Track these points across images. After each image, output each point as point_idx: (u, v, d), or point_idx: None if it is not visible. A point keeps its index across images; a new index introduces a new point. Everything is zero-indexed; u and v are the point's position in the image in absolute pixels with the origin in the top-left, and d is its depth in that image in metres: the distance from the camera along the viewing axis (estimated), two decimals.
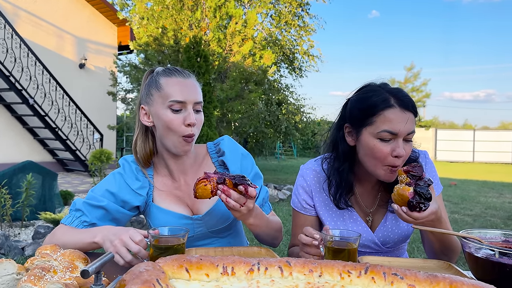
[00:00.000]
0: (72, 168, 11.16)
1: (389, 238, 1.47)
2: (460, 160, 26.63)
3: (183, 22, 8.95)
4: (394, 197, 1.17)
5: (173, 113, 1.36)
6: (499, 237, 1.15)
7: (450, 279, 0.79)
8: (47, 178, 5.50)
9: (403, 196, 1.13)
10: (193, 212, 1.49)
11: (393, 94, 1.32)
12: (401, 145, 1.28)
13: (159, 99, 1.39)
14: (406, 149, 1.30)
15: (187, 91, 1.38)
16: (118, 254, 1.11)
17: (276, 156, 22.32)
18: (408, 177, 1.15)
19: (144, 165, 1.49)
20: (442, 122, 41.10)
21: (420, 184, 1.13)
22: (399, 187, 1.15)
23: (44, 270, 0.93)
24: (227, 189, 1.17)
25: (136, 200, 1.44)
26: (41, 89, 10.29)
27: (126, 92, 10.08)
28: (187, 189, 1.49)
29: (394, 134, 1.28)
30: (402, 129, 1.28)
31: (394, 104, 1.29)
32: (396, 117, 1.28)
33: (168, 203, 1.47)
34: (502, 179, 14.79)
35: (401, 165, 1.29)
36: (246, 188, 1.17)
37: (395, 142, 1.29)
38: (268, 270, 0.85)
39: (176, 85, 1.38)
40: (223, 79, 9.17)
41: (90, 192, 1.43)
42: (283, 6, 14.70)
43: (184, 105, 1.37)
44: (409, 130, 1.28)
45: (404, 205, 1.14)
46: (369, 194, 1.50)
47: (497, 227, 6.21)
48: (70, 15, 11.68)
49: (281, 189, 9.37)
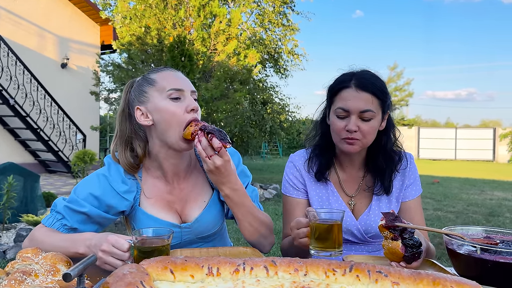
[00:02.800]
0: (55, 169, 10.98)
1: (371, 227, 1.53)
2: (443, 158, 27.05)
3: (166, 21, 8.88)
4: (388, 256, 1.16)
5: (173, 102, 1.34)
6: (481, 234, 1.17)
7: (433, 276, 0.80)
8: (28, 179, 5.40)
9: (396, 252, 1.13)
10: (182, 218, 1.45)
11: (355, 76, 1.45)
12: (352, 121, 1.41)
13: (155, 93, 1.36)
14: (361, 126, 1.41)
15: (181, 80, 1.39)
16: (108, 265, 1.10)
17: (262, 156, 22.34)
18: (390, 232, 1.15)
19: (129, 172, 1.42)
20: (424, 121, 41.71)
21: (406, 237, 1.14)
22: (388, 245, 1.15)
23: (25, 274, 0.91)
24: (201, 134, 1.27)
25: (121, 205, 1.38)
26: (22, 89, 10.10)
27: (109, 92, 9.95)
28: (179, 194, 1.45)
29: (346, 111, 1.42)
30: (353, 107, 1.40)
31: (351, 84, 1.43)
32: (349, 96, 1.42)
33: (156, 209, 1.42)
34: (483, 176, 15.08)
35: (361, 139, 1.42)
36: (212, 138, 1.25)
37: (349, 118, 1.42)
38: (254, 270, 0.84)
39: (169, 76, 1.39)
40: (208, 78, 9.13)
41: (73, 194, 1.37)
42: (267, 5, 14.71)
43: (182, 93, 1.36)
44: (361, 108, 1.40)
45: (400, 260, 1.14)
46: (352, 179, 1.59)
47: (479, 224, 6.32)
48: (52, 14, 11.49)
49: (267, 188, 9.38)
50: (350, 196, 1.58)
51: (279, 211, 6.91)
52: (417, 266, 1.15)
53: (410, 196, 1.57)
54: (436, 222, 6.36)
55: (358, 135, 1.42)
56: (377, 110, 1.42)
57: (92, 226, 1.38)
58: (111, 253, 1.10)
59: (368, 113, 1.40)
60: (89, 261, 0.88)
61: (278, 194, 8.93)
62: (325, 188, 1.59)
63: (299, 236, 1.24)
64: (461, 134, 27.47)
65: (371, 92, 1.41)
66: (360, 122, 1.41)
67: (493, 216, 7.03)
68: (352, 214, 1.55)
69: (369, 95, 1.41)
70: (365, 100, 1.40)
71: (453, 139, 27.46)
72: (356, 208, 1.57)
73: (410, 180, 1.57)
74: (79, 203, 1.34)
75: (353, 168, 1.59)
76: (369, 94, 1.41)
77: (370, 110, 1.40)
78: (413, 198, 1.57)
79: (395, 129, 1.58)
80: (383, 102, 1.44)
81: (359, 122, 1.41)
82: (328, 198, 1.57)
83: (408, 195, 1.57)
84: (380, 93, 1.42)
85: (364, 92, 1.41)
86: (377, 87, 1.42)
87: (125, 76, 8.63)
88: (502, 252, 0.98)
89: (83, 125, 11.27)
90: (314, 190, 1.59)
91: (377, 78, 1.47)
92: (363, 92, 1.41)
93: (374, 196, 1.55)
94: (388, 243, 1.15)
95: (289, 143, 26.53)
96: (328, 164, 1.58)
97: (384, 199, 1.55)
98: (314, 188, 1.60)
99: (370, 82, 1.42)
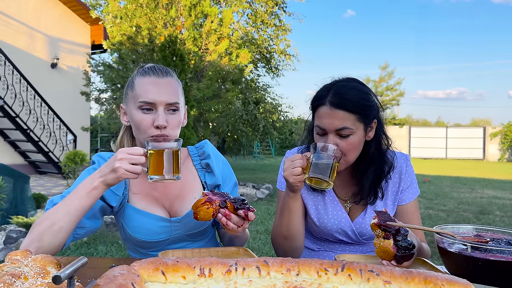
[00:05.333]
0: (45, 171, 10.88)
1: (366, 230, 1.53)
2: (434, 157, 27.26)
3: (157, 20, 8.84)
4: (379, 254, 1.17)
5: (143, 113, 1.35)
6: (471, 232, 1.18)
7: (424, 275, 0.80)
8: (18, 181, 5.34)
9: (387, 251, 1.14)
10: (171, 214, 1.47)
11: (332, 91, 1.40)
12: (330, 140, 1.38)
13: (132, 98, 1.38)
14: (340, 144, 1.37)
15: (158, 91, 1.35)
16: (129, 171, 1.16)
17: (254, 155, 22.34)
18: (382, 230, 1.15)
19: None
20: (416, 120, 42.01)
21: (399, 240, 1.14)
22: (379, 243, 1.15)
23: (14, 276, 0.90)
24: (228, 213, 1.22)
25: (111, 199, 1.40)
26: (11, 89, 9.99)
27: (99, 92, 9.89)
28: (165, 190, 1.48)
29: (323, 129, 1.39)
30: (328, 126, 1.37)
31: (326, 101, 1.38)
32: (324, 114, 1.38)
33: (145, 204, 1.44)
34: (474, 174, 15.23)
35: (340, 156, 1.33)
36: (246, 213, 1.22)
37: (328, 136, 1.39)
38: (246, 270, 0.84)
39: (147, 85, 1.36)
40: (200, 78, 9.10)
41: (66, 192, 1.37)
42: (259, 5, 14.70)
43: (154, 106, 1.35)
44: (337, 127, 1.36)
45: (391, 258, 1.14)
46: (345, 185, 1.58)
47: (470, 222, 6.38)
48: (41, 14, 11.38)
49: (260, 188, 9.38)
50: (346, 200, 1.58)
51: (271, 211, 6.92)
52: (408, 266, 1.15)
53: (407, 199, 1.54)
54: (427, 221, 6.41)
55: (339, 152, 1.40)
56: (354, 125, 1.37)
57: (87, 221, 1.36)
58: (128, 158, 1.14)
59: (344, 131, 1.36)
60: (80, 264, 0.87)
61: (271, 193, 8.94)
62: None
63: (292, 166, 1.30)
64: (451, 133, 27.71)
65: (346, 109, 1.36)
66: (338, 140, 1.38)
67: (483, 214, 7.09)
68: (348, 215, 1.54)
69: (344, 112, 1.36)
70: (340, 118, 1.36)
71: (444, 138, 27.69)
72: (352, 210, 1.56)
73: (407, 183, 1.54)
74: None
75: (346, 175, 1.56)
76: (344, 112, 1.36)
77: (346, 128, 1.36)
78: (410, 201, 1.54)
79: (384, 136, 1.53)
80: (363, 116, 1.39)
81: (337, 139, 1.38)
82: (324, 198, 1.57)
83: (405, 198, 1.54)
84: (356, 108, 1.36)
85: (338, 110, 1.36)
86: (353, 103, 1.36)
87: (116, 76, 8.58)
88: (493, 250, 0.99)
89: (74, 126, 11.19)
90: (309, 189, 1.59)
91: (356, 91, 1.40)
92: (337, 110, 1.36)
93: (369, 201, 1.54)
94: (380, 242, 1.15)
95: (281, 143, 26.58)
96: None
97: (380, 202, 1.54)
98: (309, 193, 1.59)
99: (344, 99, 1.36)
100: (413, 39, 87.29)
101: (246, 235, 1.54)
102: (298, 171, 1.29)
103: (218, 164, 1.53)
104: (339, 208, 1.54)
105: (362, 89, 1.43)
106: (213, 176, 1.52)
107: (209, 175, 1.53)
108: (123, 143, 1.50)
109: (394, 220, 1.17)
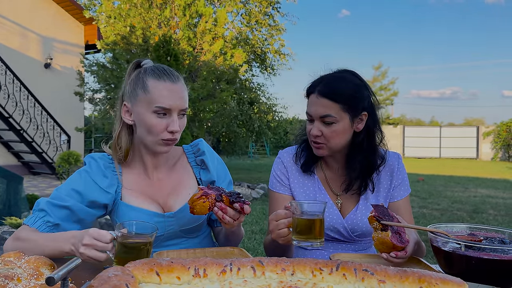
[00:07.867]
0: (39, 171, 10.82)
1: (357, 226, 1.54)
2: (427, 156, 27.39)
3: (151, 20, 8.82)
4: (378, 247, 1.17)
5: (158, 117, 1.34)
6: (465, 231, 1.19)
7: (419, 274, 0.81)
8: (12, 182, 5.30)
9: (386, 242, 1.14)
10: (165, 210, 1.47)
11: (323, 80, 1.49)
12: (315, 126, 1.47)
13: (144, 101, 1.35)
14: (324, 131, 1.46)
15: (175, 98, 1.36)
16: (92, 259, 1.10)
17: (249, 155, 22.34)
18: (380, 223, 1.16)
19: (124, 160, 1.46)
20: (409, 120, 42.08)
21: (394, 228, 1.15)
22: (377, 236, 1.16)
23: (7, 278, 0.90)
24: (224, 206, 1.23)
25: (104, 198, 1.40)
26: (5, 90, 9.92)
27: (93, 92, 9.84)
28: (159, 186, 1.48)
29: (310, 115, 1.49)
30: (313, 113, 1.47)
31: (315, 90, 1.47)
32: (312, 102, 1.48)
33: (138, 200, 1.44)
34: (467, 173, 15.32)
35: (326, 143, 1.47)
36: (242, 206, 1.24)
37: (315, 122, 1.47)
38: (241, 270, 0.84)
39: (164, 90, 1.35)
40: (194, 78, 9.09)
41: (55, 191, 1.38)
42: (253, 5, 14.71)
43: (168, 111, 1.35)
44: (320, 114, 1.45)
45: (390, 250, 1.15)
46: (336, 178, 1.61)
47: (463, 221, 6.43)
48: (35, 13, 11.30)
49: (255, 188, 9.38)
50: (337, 194, 1.59)
51: (266, 211, 6.92)
52: (407, 255, 1.16)
53: (399, 196, 1.58)
54: (421, 220, 6.44)
55: (322, 139, 1.47)
56: (338, 114, 1.43)
57: (75, 225, 1.36)
58: (93, 245, 1.09)
59: (328, 118, 1.44)
60: (73, 265, 0.86)
61: (266, 193, 8.94)
62: (312, 185, 1.60)
63: (277, 228, 1.24)
64: (445, 133, 27.84)
65: (331, 98, 1.43)
66: (322, 127, 1.46)
67: (477, 213, 7.14)
68: (339, 212, 1.56)
69: (329, 101, 1.43)
70: (324, 106, 1.44)
71: (437, 138, 27.81)
72: (343, 207, 1.58)
73: (398, 181, 1.59)
74: (62, 198, 1.35)
75: (338, 167, 1.60)
76: (328, 100, 1.43)
77: (329, 115, 1.43)
78: (401, 198, 1.58)
79: (377, 129, 1.55)
80: (349, 106, 1.44)
81: (322, 126, 1.46)
82: (315, 196, 1.58)
83: (397, 195, 1.58)
84: (341, 98, 1.43)
85: (323, 98, 1.44)
86: (339, 93, 1.43)
87: (110, 76, 8.54)
88: (486, 249, 1.00)
89: (68, 126, 11.12)
90: (302, 187, 1.60)
91: (346, 82, 1.47)
92: (322, 98, 1.44)
93: (361, 196, 1.56)
94: (378, 234, 1.16)
95: (276, 143, 26.58)
96: (315, 158, 1.60)
97: (372, 198, 1.56)
98: (301, 185, 1.60)
99: (331, 88, 1.44)
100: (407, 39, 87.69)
101: (242, 232, 1.53)
102: (285, 232, 1.24)
103: (213, 161, 1.54)
104: (330, 205, 1.56)
105: (353, 80, 1.49)
106: (208, 173, 1.52)
107: (204, 172, 1.53)
108: (121, 142, 1.46)
109: (390, 213, 1.18)
